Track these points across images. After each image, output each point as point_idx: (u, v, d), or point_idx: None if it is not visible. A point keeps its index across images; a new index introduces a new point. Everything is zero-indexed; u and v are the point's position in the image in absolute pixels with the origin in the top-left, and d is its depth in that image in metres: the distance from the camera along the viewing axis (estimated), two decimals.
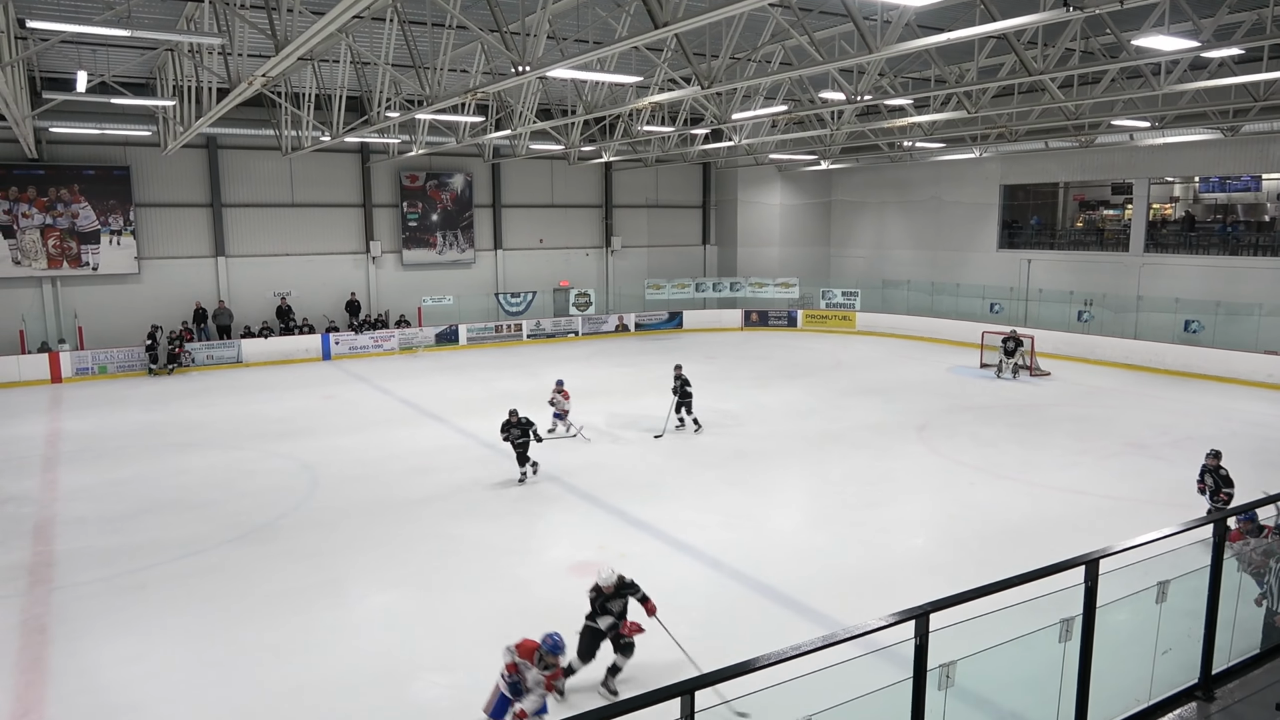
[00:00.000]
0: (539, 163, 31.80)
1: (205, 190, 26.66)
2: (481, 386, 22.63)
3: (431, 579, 10.48)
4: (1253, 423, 17.85)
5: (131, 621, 9.38)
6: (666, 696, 3.24)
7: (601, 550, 11.16)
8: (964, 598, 4.19)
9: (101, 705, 7.76)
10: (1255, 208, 27.21)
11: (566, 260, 33.67)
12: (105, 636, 9.02)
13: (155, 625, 9.29)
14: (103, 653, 8.67)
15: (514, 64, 12.03)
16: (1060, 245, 29.71)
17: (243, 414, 19.56)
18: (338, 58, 18.08)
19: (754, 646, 3.91)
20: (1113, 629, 5.35)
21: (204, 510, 13.00)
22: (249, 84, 12.84)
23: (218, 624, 9.30)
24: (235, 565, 10.94)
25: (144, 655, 8.64)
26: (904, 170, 32.88)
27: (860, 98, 16.50)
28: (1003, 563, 9.02)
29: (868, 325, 31.98)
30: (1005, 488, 13.77)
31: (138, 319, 25.65)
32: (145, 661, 8.52)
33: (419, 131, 23.29)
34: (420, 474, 14.72)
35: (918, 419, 18.37)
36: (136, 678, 8.22)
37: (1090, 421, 18.20)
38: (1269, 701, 5.01)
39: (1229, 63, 16.07)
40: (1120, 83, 18.24)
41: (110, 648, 8.78)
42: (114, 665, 8.44)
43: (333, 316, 28.55)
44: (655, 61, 16.31)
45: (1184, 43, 12.69)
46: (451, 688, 8.05)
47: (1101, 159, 27.14)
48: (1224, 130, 22.13)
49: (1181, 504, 12.21)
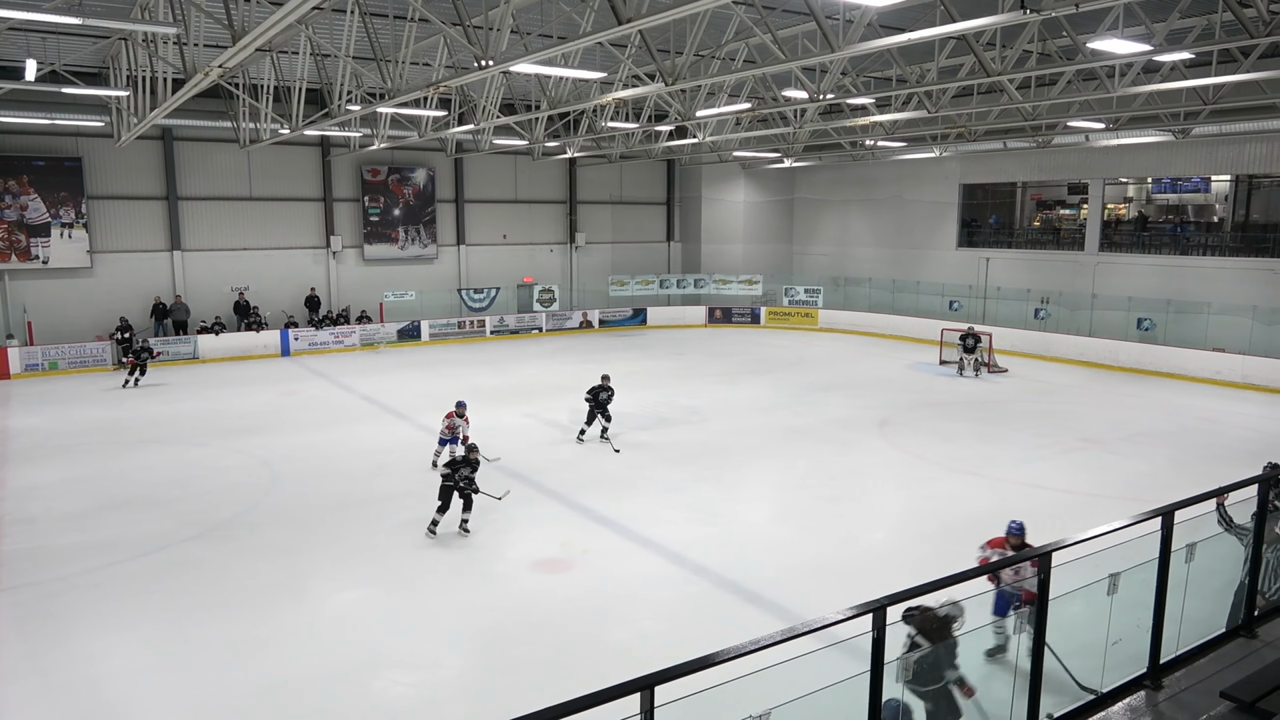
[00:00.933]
0: (503, 158, 31.62)
1: (160, 183, 26.14)
2: (445, 383, 22.46)
3: (395, 576, 10.40)
4: (1202, 418, 18.32)
5: (90, 621, 9.19)
6: (625, 692, 3.26)
7: (565, 547, 11.16)
8: (921, 591, 4.26)
9: (60, 708, 7.60)
10: (1204, 208, 27.89)
11: (530, 256, 33.53)
12: (63, 637, 8.83)
13: (114, 625, 9.12)
14: (60, 654, 8.49)
15: (477, 58, 11.95)
16: (1018, 244, 30.21)
17: (202, 410, 19.24)
18: (297, 49, 17.82)
19: (717, 641, 3.94)
20: (1066, 620, 5.46)
21: (164, 507, 12.77)
22: (205, 75, 12.60)
23: (179, 622, 9.16)
24: (196, 563, 10.77)
25: (104, 655, 8.48)
26: (866, 169, 33.21)
27: (823, 96, 16.63)
28: (963, 555, 9.16)
29: (830, 322, 32.28)
30: (965, 482, 13.99)
31: (91, 314, 25.10)
32: (105, 662, 8.36)
33: (381, 125, 23.02)
34: (382, 470, 14.60)
35: (880, 414, 18.59)
36: (97, 678, 8.07)
37: (1047, 417, 18.55)
38: (1214, 689, 5.16)
39: (1180, 67, 16.44)
40: (1076, 85, 18.58)
41: (68, 648, 8.60)
42: (72, 666, 8.26)
43: (292, 312, 28.16)
44: (619, 57, 16.29)
45: (1137, 46, 12.97)
46: (415, 685, 8.01)
47: (1058, 159, 27.64)
48: (1175, 132, 22.65)
49: (1135, 498, 12.51)
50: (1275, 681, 4.97)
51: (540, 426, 17.63)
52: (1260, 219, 25.44)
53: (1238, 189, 25.60)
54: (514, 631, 8.94)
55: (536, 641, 8.72)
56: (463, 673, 8.38)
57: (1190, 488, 10.25)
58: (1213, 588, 6.33)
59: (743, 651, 3.60)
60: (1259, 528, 6.06)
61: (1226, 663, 5.62)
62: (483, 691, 7.93)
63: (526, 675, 8.08)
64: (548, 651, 8.52)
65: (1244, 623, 6.06)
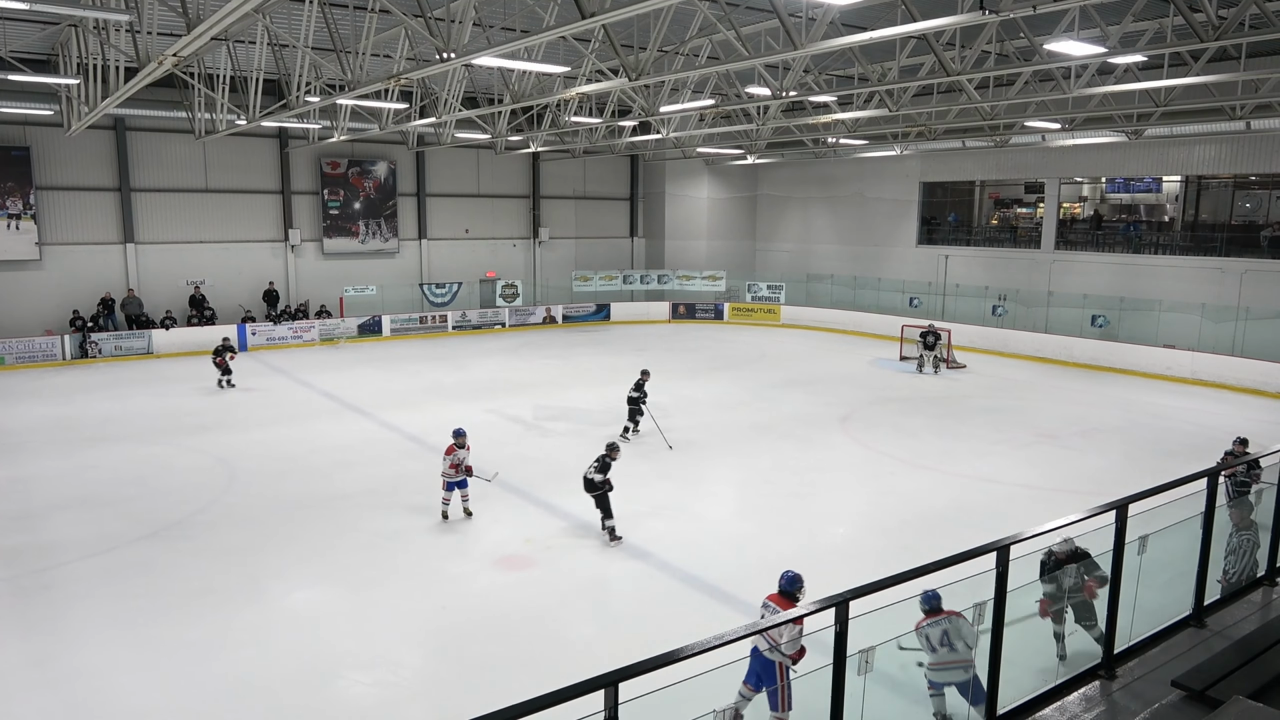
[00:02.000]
0: (465, 152, 31.35)
1: (113, 173, 25.53)
2: (406, 379, 22.25)
3: (354, 575, 10.27)
4: (1153, 414, 18.74)
5: (38, 623, 8.96)
6: (589, 689, 3.24)
7: (528, 544, 11.11)
8: (883, 584, 4.30)
9: (7, 712, 7.40)
10: (1156, 208, 28.53)
11: (493, 251, 33.32)
12: (8, 640, 8.60)
13: (64, 627, 8.89)
14: (7, 657, 8.26)
15: (439, 50, 11.83)
16: (976, 242, 30.66)
17: (155, 407, 18.84)
18: (254, 39, 17.48)
19: (681, 636, 3.94)
20: (1022, 612, 5.56)
21: (115, 507, 12.49)
22: (159, 63, 12.33)
23: (132, 624, 8.96)
24: (150, 563, 10.55)
25: (53, 658, 8.27)
26: (828, 166, 33.46)
27: (786, 94, 16.72)
28: (922, 549, 9.29)
29: (792, 318, 32.49)
30: (925, 477, 14.16)
31: (40, 308, 24.46)
32: (54, 665, 8.15)
33: (340, 117, 22.70)
34: (343, 468, 14.41)
35: (841, 410, 18.75)
36: (45, 682, 7.87)
37: (1004, 412, 18.85)
38: (1165, 678, 5.28)
39: (1133, 69, 16.78)
40: (1033, 85, 18.88)
41: (15, 651, 8.37)
42: (20, 669, 8.05)
43: (249, 306, 27.68)
44: (583, 52, 16.23)
45: (1092, 48, 13.21)
46: (375, 685, 7.92)
47: (1015, 159, 28.09)
48: (1128, 133, 23.13)
49: (1090, 492, 12.75)
50: (1223, 670, 5.09)
51: (502, 422, 17.53)
52: (1209, 219, 26.09)
53: (1187, 189, 26.22)
54: (475, 630, 8.88)
55: (498, 639, 8.67)
56: (423, 672, 8.31)
57: (1141, 481, 10.50)
58: (1163, 579, 6.47)
59: (707, 647, 3.60)
60: (1208, 518, 6.20)
61: (1177, 652, 5.75)
62: (444, 691, 7.87)
63: (488, 674, 8.03)
64: (509, 649, 8.48)
65: (1194, 612, 6.20)
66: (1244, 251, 23.78)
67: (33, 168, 24.10)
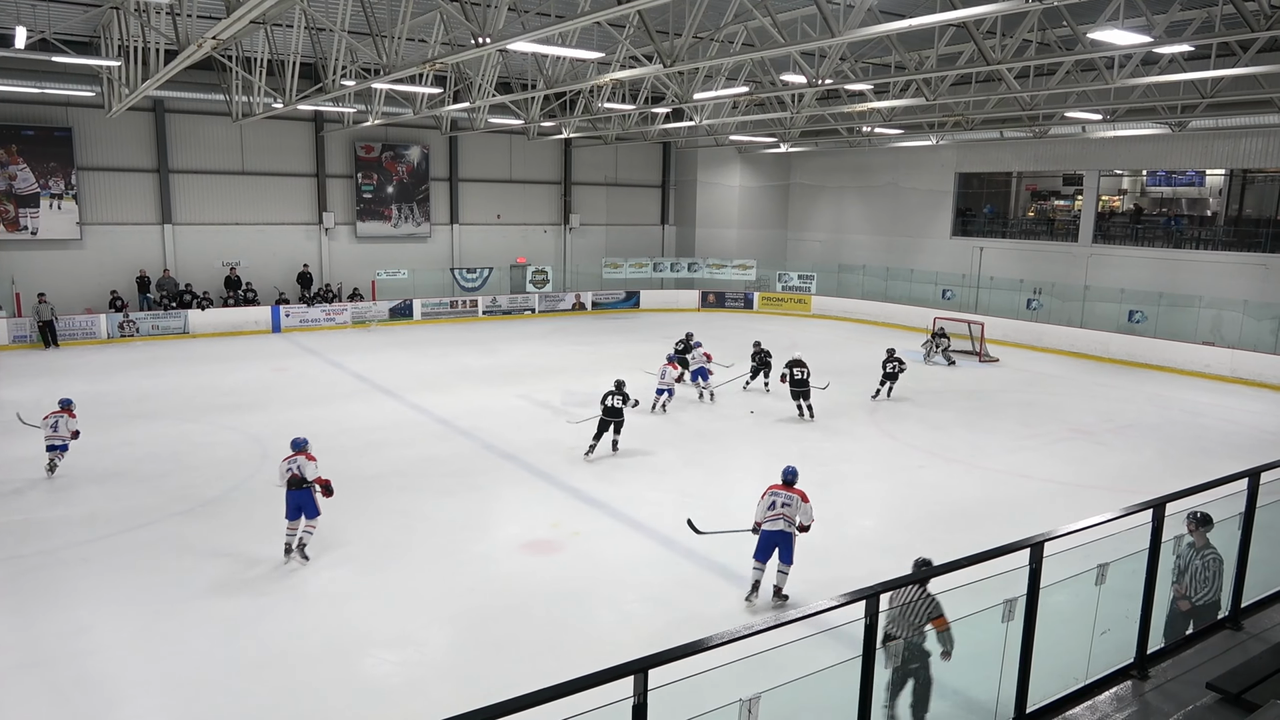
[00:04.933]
0: (497, 137, 31.41)
1: (152, 155, 25.89)
2: (436, 362, 22.41)
3: (383, 555, 10.39)
4: (1190, 411, 18.41)
5: (76, 595, 9.16)
6: (620, 674, 3.25)
7: (555, 528, 11.17)
8: (913, 579, 4.26)
9: (47, 679, 7.58)
10: (1198, 202, 27.93)
11: (524, 237, 33.40)
12: (48, 610, 8.79)
13: (101, 599, 9.09)
14: (47, 626, 8.46)
15: (474, 35, 11.83)
16: (1012, 234, 30.22)
17: (191, 385, 19.14)
18: (291, 22, 17.59)
19: (705, 624, 3.94)
20: (1053, 609, 5.48)
21: (151, 483, 12.72)
22: (198, 46, 12.45)
23: (166, 598, 9.13)
24: (184, 539, 10.74)
25: (89, 629, 8.45)
26: (862, 155, 33.11)
27: (821, 81, 16.54)
28: (951, 543, 9.20)
29: (823, 309, 32.27)
30: (954, 470, 14.03)
31: (80, 286, 24.91)
32: (90, 635, 8.33)
33: (375, 101, 22.83)
34: (373, 449, 14.56)
35: (870, 402, 18.61)
36: (82, 651, 8.05)
37: (1036, 407, 18.61)
38: (1200, 680, 5.19)
39: (1179, 59, 16.42)
40: (1074, 75, 18.51)
41: (54, 621, 8.56)
42: (59, 639, 8.23)
43: (283, 288, 28.00)
44: (617, 38, 16.17)
45: (1137, 37, 12.92)
46: (401, 664, 8.01)
47: (1054, 150, 27.60)
48: (1171, 125, 22.64)
49: (1123, 489, 12.57)
50: (1261, 673, 5.00)
51: (530, 408, 17.61)
52: (1253, 213, 25.50)
53: (1232, 183, 25.65)
54: (502, 612, 8.95)
55: (524, 623, 8.73)
56: (450, 652, 8.39)
57: (1176, 479, 10.37)
58: (1198, 579, 6.37)
59: (735, 636, 3.60)
60: (1247, 518, 6.08)
61: (1212, 654, 5.66)
62: (469, 672, 7.94)
63: (513, 656, 8.09)
64: (535, 633, 8.53)
65: (1230, 615, 6.10)
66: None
67: (74, 148, 24.51)
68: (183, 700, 7.37)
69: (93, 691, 7.48)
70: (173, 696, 7.44)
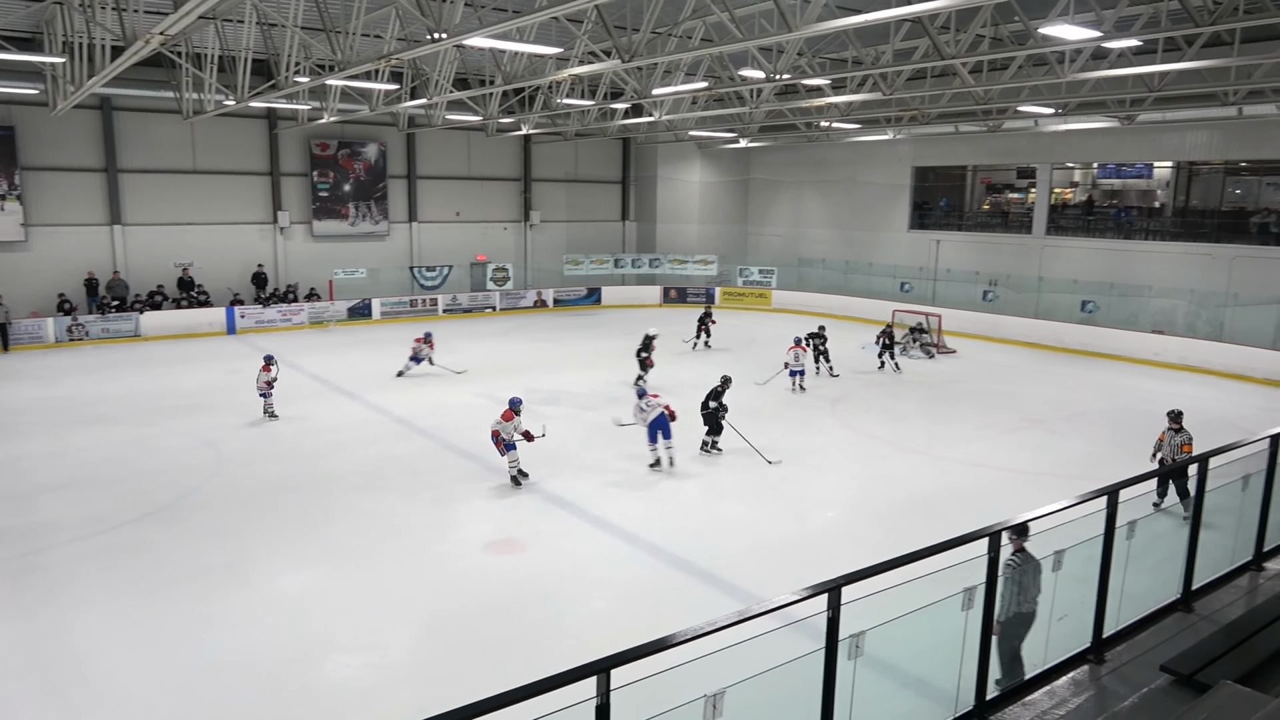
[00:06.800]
0: (456, 134, 31.13)
1: (99, 154, 25.26)
2: (396, 362, 22.15)
3: (343, 557, 10.26)
4: (1141, 398, 18.82)
5: (30, 605, 8.93)
6: (582, 675, 3.24)
7: (519, 527, 11.11)
8: (874, 570, 4.30)
9: (2, 690, 7.39)
10: (1147, 194, 28.54)
11: (484, 234, 33.15)
12: (4, 620, 8.55)
13: (55, 608, 8.86)
14: (3, 636, 8.24)
15: (430, 30, 11.70)
16: (968, 227, 30.66)
17: (144, 389, 18.74)
18: (243, 18, 17.28)
19: (671, 621, 3.94)
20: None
21: (106, 489, 12.43)
22: (146, 42, 12.16)
23: (121, 606, 8.94)
24: (140, 545, 10.52)
25: (45, 641, 8.24)
26: (820, 150, 33.35)
27: (779, 76, 16.62)
28: (912, 533, 9.31)
29: (783, 303, 32.46)
30: (915, 461, 14.21)
31: (26, 290, 24.22)
32: (45, 647, 8.13)
33: (330, 98, 22.50)
34: (332, 450, 14.37)
35: (832, 394, 18.78)
36: (38, 663, 7.84)
37: (993, 397, 18.91)
38: (1154, 663, 5.31)
39: (1127, 54, 16.71)
40: (1027, 70, 18.83)
41: (12, 630, 8.34)
42: (12, 652, 8.02)
43: (238, 289, 27.50)
44: (575, 33, 16.09)
45: (1087, 32, 13.14)
46: (364, 668, 7.92)
47: (1007, 144, 28.03)
48: (1120, 119, 23.10)
49: (1076, 476, 12.84)
50: (1211, 654, 5.13)
51: (492, 406, 17.39)
52: (1199, 205, 26.14)
53: (1179, 175, 26.25)
54: (465, 613, 8.89)
55: (488, 623, 8.67)
56: (413, 655, 8.31)
57: (1128, 465, 10.60)
58: (1149, 563, 6.52)
59: (699, 633, 3.61)
60: (1197, 504, 6.23)
61: (1165, 636, 5.80)
62: (433, 674, 7.87)
63: (478, 658, 8.04)
64: (500, 633, 8.49)
65: (1182, 597, 6.25)
66: (1233, 238, 23.84)
67: (18, 148, 23.83)
68: (140, 709, 7.22)
69: (50, 702, 7.30)
70: (130, 706, 7.29)
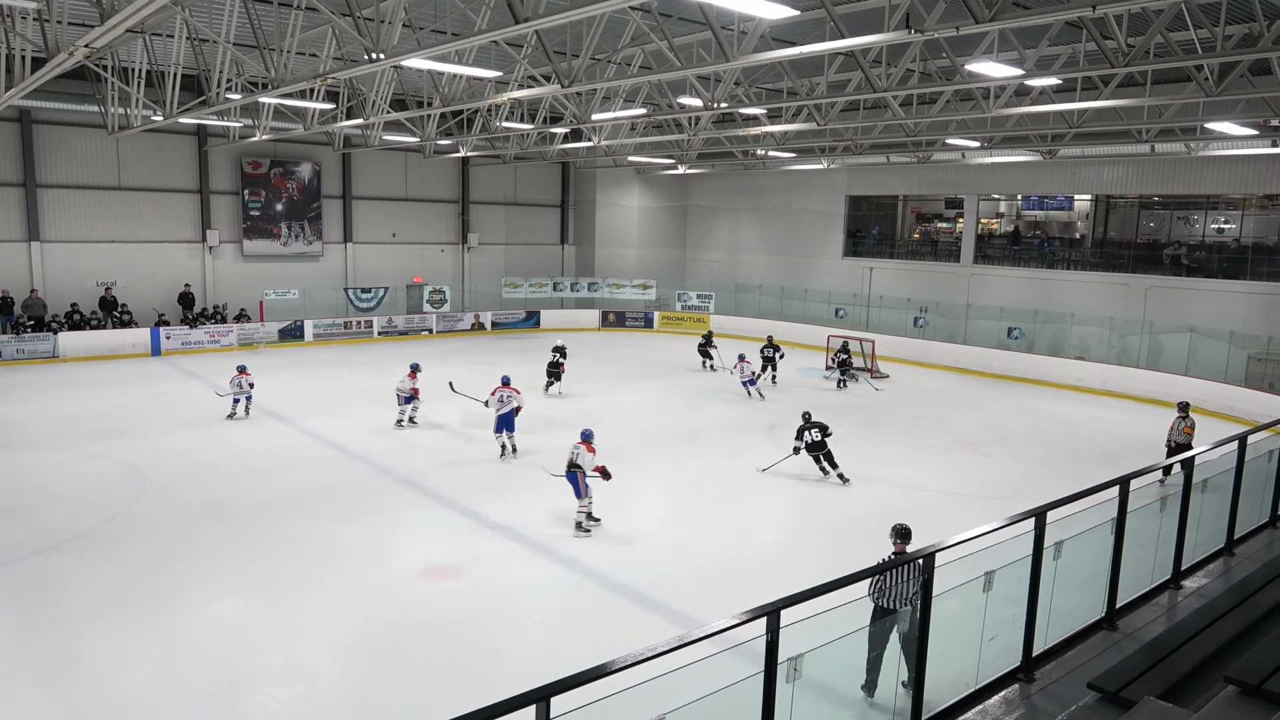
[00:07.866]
0: (393, 154, 30.83)
1: (17, 168, 24.33)
2: (329, 384, 21.73)
3: (272, 586, 9.95)
4: (1065, 422, 19.45)
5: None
6: (521, 704, 3.18)
7: (455, 553, 10.93)
8: (812, 593, 4.33)
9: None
10: (1068, 225, 29.71)
11: (421, 256, 32.80)
12: None
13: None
14: None
15: (367, 51, 11.60)
16: (899, 255, 31.46)
17: (59, 412, 17.98)
18: (173, 32, 16.90)
19: (610, 647, 3.91)
20: (945, 617, 5.68)
21: (16, 516, 11.85)
22: (69, 54, 11.80)
23: (37, 638, 8.50)
24: (54, 575, 10.04)
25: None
26: (757, 178, 33.91)
27: (717, 105, 16.89)
28: (848, 555, 9.40)
29: (721, 327, 32.65)
30: (852, 484, 14.41)
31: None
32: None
33: (263, 116, 22.09)
34: (260, 475, 13.97)
35: (768, 418, 18.97)
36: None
37: (925, 420, 19.33)
38: (1081, 680, 5.45)
39: (1048, 91, 17.45)
40: (954, 104, 19.46)
41: None
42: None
43: (164, 309, 26.66)
44: (515, 57, 16.12)
45: (1010, 70, 13.69)
46: (292, 700, 7.67)
47: (937, 175, 28.92)
48: (1043, 153, 24.04)
49: (1005, 498, 13.17)
50: (1135, 671, 5.28)
51: (428, 429, 17.24)
52: (1116, 237, 27.29)
53: (1097, 208, 27.39)
54: (400, 641, 8.68)
55: (424, 651, 8.49)
56: (344, 686, 8.07)
57: (1055, 485, 10.92)
58: (1075, 582, 6.70)
59: (638, 659, 3.58)
60: (1119, 524, 6.44)
61: (1092, 654, 5.95)
62: (365, 706, 7.65)
63: (413, 686, 7.85)
64: (436, 661, 8.31)
65: (1106, 615, 6.43)
66: (1148, 268, 24.95)
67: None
68: None
69: None
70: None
